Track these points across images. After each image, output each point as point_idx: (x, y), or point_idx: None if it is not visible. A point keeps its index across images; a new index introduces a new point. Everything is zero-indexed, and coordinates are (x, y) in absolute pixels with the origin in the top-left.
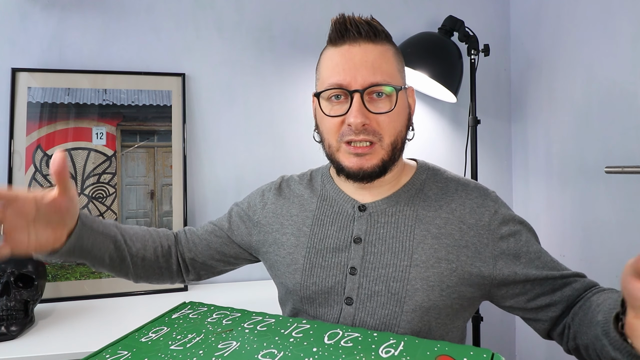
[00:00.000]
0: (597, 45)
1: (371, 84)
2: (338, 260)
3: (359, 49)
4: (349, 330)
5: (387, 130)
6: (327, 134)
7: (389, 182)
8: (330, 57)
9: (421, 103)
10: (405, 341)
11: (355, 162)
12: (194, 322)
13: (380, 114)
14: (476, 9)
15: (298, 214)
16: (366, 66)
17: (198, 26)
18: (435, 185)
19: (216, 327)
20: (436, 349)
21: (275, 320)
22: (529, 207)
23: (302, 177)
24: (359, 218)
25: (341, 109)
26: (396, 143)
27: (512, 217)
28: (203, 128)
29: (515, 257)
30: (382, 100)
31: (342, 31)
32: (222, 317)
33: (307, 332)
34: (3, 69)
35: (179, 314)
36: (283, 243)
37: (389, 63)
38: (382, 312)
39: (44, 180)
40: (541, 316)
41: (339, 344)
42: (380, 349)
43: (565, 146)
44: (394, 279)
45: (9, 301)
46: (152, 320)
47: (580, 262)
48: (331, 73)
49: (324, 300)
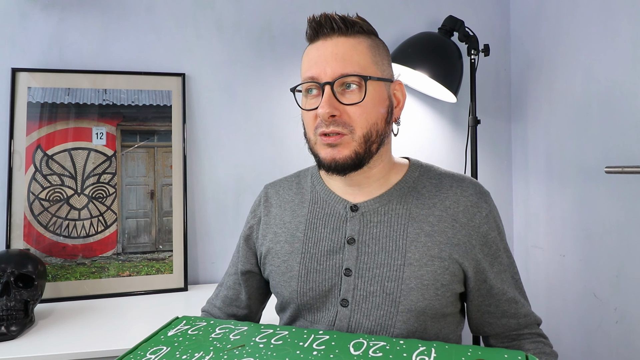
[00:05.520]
0: (597, 45)
1: (340, 74)
2: (333, 263)
3: (331, 42)
4: (372, 339)
5: (358, 122)
6: (307, 127)
7: (377, 179)
8: (307, 53)
9: (421, 103)
10: (435, 347)
11: (329, 152)
12: (197, 339)
13: (350, 105)
14: (476, 9)
15: (291, 220)
16: (336, 58)
17: (198, 26)
18: (429, 182)
19: (225, 343)
20: (469, 353)
21: (289, 332)
22: (529, 207)
23: (289, 181)
24: (351, 218)
25: (315, 102)
26: (369, 135)
27: (498, 225)
28: (203, 128)
29: (490, 264)
30: (352, 92)
31: (316, 28)
32: (227, 332)
33: (328, 343)
34: (3, 69)
35: (175, 330)
36: (277, 252)
37: (361, 55)
38: (377, 313)
39: (43, 180)
40: (475, 321)
41: (368, 354)
42: (414, 357)
43: (565, 146)
44: (389, 279)
45: (9, 301)
46: (146, 339)
47: (580, 262)
48: (306, 68)
49: (321, 304)
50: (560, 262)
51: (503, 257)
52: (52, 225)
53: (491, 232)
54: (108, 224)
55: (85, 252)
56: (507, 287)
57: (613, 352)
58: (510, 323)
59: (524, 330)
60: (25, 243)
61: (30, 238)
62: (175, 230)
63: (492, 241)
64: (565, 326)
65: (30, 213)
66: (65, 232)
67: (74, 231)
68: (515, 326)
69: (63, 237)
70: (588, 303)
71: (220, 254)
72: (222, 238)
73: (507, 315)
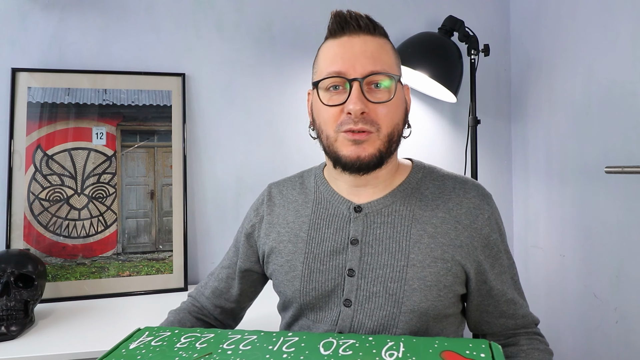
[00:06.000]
0: (597, 45)
1: (370, 72)
2: (336, 263)
3: (359, 40)
4: (342, 337)
5: (384, 120)
6: (325, 124)
7: (383, 180)
8: (329, 48)
9: (421, 103)
10: (404, 341)
11: (353, 150)
12: (161, 350)
13: (379, 103)
14: (476, 9)
15: (294, 220)
16: (366, 55)
17: (198, 26)
18: (432, 184)
19: (191, 352)
20: (436, 346)
21: (257, 336)
22: (529, 207)
23: (293, 181)
24: (355, 219)
25: (339, 98)
26: (392, 135)
27: (500, 227)
28: (203, 128)
29: (491, 265)
30: (380, 91)
31: (342, 23)
32: (193, 341)
33: (298, 345)
34: (3, 69)
35: (137, 342)
36: (281, 251)
37: (388, 55)
38: (380, 314)
39: (43, 180)
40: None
41: (338, 352)
42: (383, 352)
43: (565, 146)
44: (392, 280)
45: (9, 301)
46: (106, 354)
47: (580, 262)
48: (330, 62)
49: (324, 304)
50: (560, 262)
51: (504, 259)
52: (52, 225)
53: (493, 234)
54: (108, 224)
55: (85, 252)
56: (506, 288)
57: (613, 352)
58: (508, 323)
59: (521, 330)
60: (25, 243)
61: (30, 238)
62: (175, 230)
63: (493, 243)
64: (565, 326)
65: (30, 213)
66: (65, 232)
67: (74, 231)
68: (513, 326)
69: (63, 237)
70: (588, 303)
71: (220, 254)
72: (222, 238)
73: (506, 315)
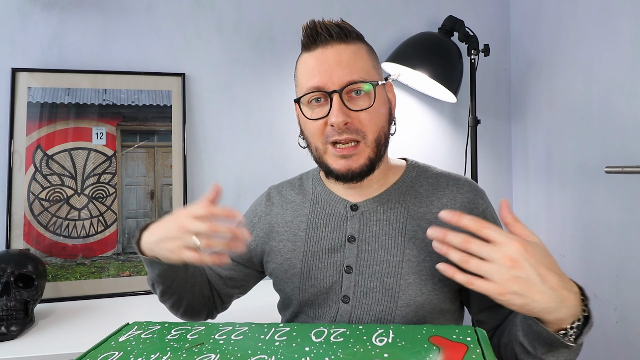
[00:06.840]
0: (597, 45)
1: (348, 82)
2: (334, 261)
3: (332, 50)
4: (332, 327)
5: (369, 127)
6: (312, 137)
7: (377, 180)
8: (305, 62)
9: (421, 103)
10: (393, 329)
11: (343, 164)
12: (152, 342)
13: (361, 111)
14: (476, 9)
15: (292, 219)
16: (341, 66)
17: (198, 26)
18: (426, 182)
19: (182, 343)
20: (424, 332)
21: (249, 327)
22: (529, 207)
23: (292, 183)
24: (351, 217)
25: (322, 111)
26: (379, 139)
27: (495, 221)
28: (203, 128)
29: None
30: (361, 98)
31: (313, 36)
32: (184, 333)
33: (289, 334)
34: (3, 69)
35: (127, 336)
36: (280, 250)
37: (364, 60)
38: (377, 309)
39: (43, 180)
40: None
41: (329, 339)
42: (373, 338)
43: (565, 146)
44: (388, 275)
45: (9, 301)
46: (95, 346)
47: (580, 262)
48: (308, 77)
49: (322, 300)
50: (560, 262)
51: None
52: (52, 225)
53: None
54: (108, 224)
55: (85, 252)
56: None
57: (613, 352)
58: (505, 311)
59: None
60: (25, 243)
61: (30, 238)
62: None
63: None
64: None
65: (30, 213)
66: (65, 232)
67: (74, 231)
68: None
69: (63, 237)
70: None
71: None
72: None
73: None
